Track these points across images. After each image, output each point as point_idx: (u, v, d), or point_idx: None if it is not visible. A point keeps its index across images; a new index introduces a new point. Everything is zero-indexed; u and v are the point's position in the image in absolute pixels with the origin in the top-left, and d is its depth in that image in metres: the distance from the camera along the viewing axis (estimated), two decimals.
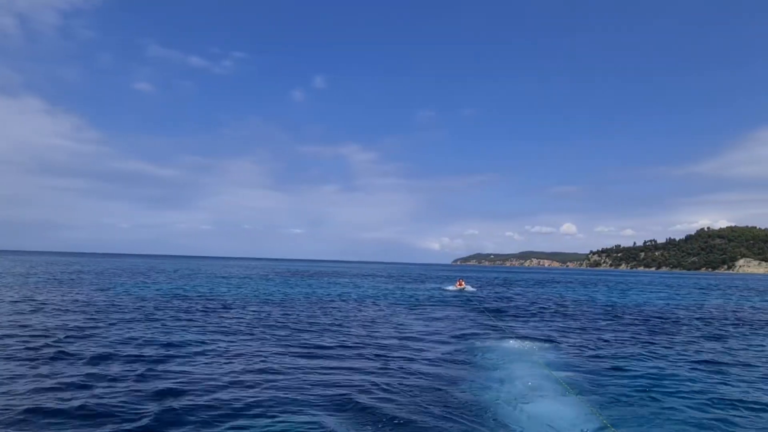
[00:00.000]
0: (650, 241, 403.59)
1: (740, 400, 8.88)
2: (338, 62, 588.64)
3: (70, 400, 7.73)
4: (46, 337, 13.24)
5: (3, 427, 6.51)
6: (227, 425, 6.93)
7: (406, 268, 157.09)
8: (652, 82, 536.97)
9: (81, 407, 7.36)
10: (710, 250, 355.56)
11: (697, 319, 24.06)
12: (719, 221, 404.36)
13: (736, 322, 23.28)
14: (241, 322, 17.66)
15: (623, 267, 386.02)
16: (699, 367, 11.98)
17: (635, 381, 10.33)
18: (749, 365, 12.40)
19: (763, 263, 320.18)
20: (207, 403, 7.86)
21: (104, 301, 23.65)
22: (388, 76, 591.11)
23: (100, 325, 15.79)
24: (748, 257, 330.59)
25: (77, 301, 23.17)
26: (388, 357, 12.21)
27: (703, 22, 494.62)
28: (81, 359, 10.67)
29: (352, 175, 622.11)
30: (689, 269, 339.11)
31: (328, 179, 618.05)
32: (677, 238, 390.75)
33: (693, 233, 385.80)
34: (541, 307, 28.06)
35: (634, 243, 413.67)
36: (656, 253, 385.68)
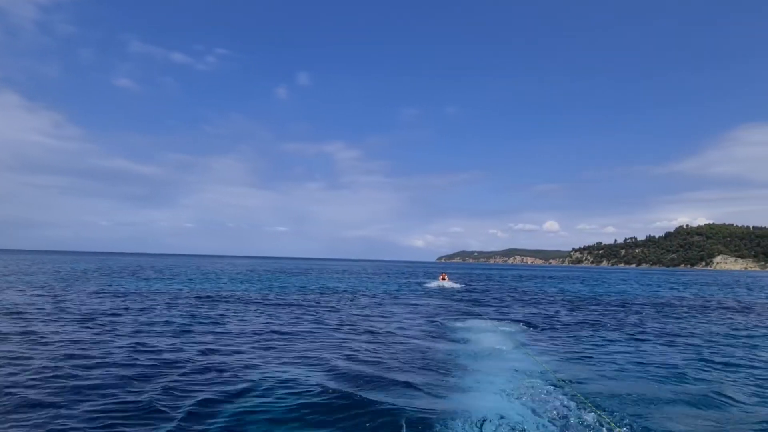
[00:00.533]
0: (631, 238, 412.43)
1: (657, 363, 11.08)
2: (322, 60, 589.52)
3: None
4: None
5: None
6: (247, 365, 8.78)
7: (391, 265, 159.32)
8: (634, 83, 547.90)
9: None
10: (689, 247, 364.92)
11: (649, 305, 27.25)
12: (698, 219, 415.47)
13: (673, 307, 26.47)
14: (251, 307, 19.50)
15: (604, 264, 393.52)
16: (630, 337, 14.56)
17: (578, 346, 12.72)
18: (668, 335, 14.75)
19: (740, 260, 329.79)
20: (234, 351, 9.71)
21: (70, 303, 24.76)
22: (373, 73, 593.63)
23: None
24: (725, 254, 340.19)
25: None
26: (376, 332, 14.18)
27: (684, 24, 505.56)
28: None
29: (336, 173, 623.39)
30: (668, 266, 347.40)
31: (312, 177, 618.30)
32: (657, 236, 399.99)
33: (672, 231, 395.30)
34: (515, 297, 30.45)
35: (615, 240, 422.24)
36: (636, 250, 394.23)
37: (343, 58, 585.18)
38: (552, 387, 8.18)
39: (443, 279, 43.52)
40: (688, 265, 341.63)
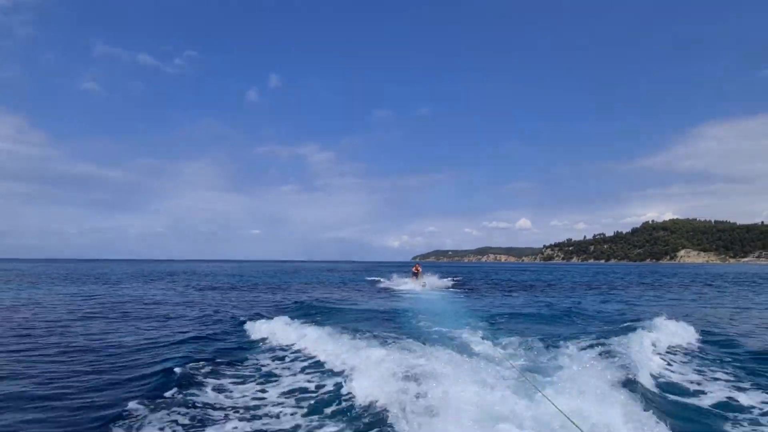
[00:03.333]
0: (599, 234, 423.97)
1: (513, 305, 13.81)
2: (293, 62, 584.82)
3: None
4: None
5: None
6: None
7: (365, 265, 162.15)
8: (602, 81, 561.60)
9: None
10: (654, 242, 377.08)
11: (547, 286, 37.15)
12: (666, 213, 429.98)
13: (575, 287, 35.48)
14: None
15: (575, 260, 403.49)
16: (531, 300, 21.23)
17: (496, 308, 18.54)
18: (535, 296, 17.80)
19: (702, 253, 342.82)
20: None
21: None
22: (344, 75, 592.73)
23: None
24: (688, 248, 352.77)
25: None
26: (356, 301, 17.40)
27: (650, 21, 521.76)
28: None
29: (310, 176, 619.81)
30: (635, 260, 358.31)
31: (286, 180, 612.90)
32: (625, 231, 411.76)
33: (639, 226, 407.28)
34: (476, 283, 34.53)
35: (584, 237, 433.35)
36: (605, 246, 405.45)
37: (314, 60, 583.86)
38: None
39: (416, 271, 37.94)
40: (654, 260, 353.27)
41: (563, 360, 8.77)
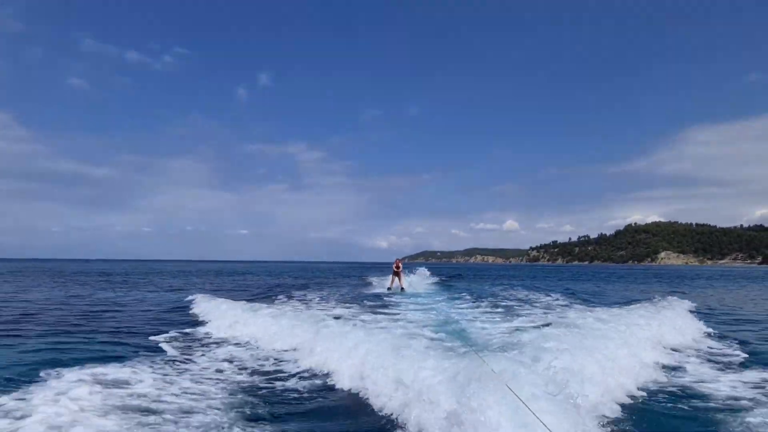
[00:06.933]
0: (584, 236, 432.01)
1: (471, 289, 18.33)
2: (283, 60, 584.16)
3: None
4: None
5: None
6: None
7: (353, 265, 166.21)
8: (590, 85, 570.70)
9: None
10: (636, 244, 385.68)
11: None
12: (650, 216, 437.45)
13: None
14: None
15: (560, 261, 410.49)
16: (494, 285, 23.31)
17: (461, 292, 21.37)
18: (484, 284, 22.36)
19: (681, 255, 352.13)
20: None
21: None
22: (335, 74, 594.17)
23: None
24: (668, 250, 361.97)
25: None
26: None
27: (634, 24, 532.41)
28: None
29: (299, 174, 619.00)
30: (618, 262, 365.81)
31: (275, 178, 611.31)
32: (609, 234, 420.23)
33: (622, 229, 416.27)
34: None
35: (569, 239, 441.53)
36: (589, 248, 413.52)
37: (304, 59, 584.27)
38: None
39: (397, 270, 27.85)
40: (636, 261, 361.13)
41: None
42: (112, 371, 7.66)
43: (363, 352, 7.98)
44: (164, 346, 10.56)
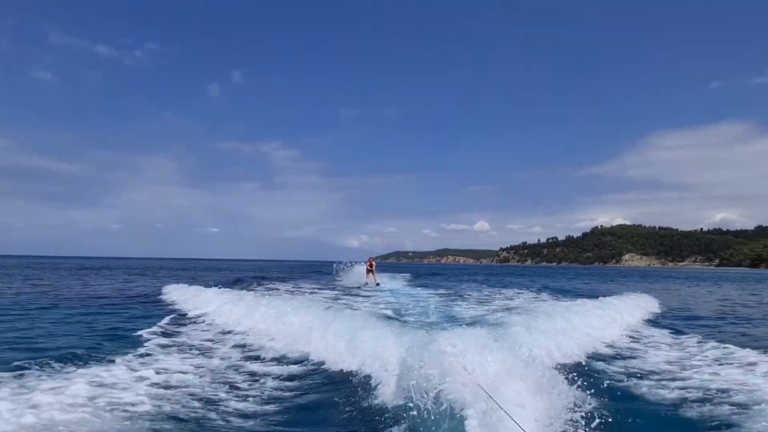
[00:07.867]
0: (552, 238, 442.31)
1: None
2: (257, 57, 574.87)
3: None
4: None
5: None
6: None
7: (324, 264, 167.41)
8: (561, 89, 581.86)
9: None
10: (602, 246, 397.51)
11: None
12: (616, 219, 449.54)
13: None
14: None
15: (529, 262, 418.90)
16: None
17: (437, 288, 21.45)
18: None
19: (644, 257, 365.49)
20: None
21: None
22: (310, 72, 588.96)
23: None
24: (632, 252, 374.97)
25: None
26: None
27: (602, 27, 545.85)
28: None
29: (272, 173, 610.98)
30: (584, 263, 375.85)
31: (248, 177, 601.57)
32: (576, 236, 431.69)
33: (589, 231, 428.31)
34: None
35: (539, 240, 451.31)
36: (557, 249, 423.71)
37: (278, 56, 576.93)
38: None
39: (371, 268, 29.77)
40: (601, 263, 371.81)
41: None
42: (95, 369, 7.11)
43: (330, 329, 8.80)
44: (142, 334, 10.36)
